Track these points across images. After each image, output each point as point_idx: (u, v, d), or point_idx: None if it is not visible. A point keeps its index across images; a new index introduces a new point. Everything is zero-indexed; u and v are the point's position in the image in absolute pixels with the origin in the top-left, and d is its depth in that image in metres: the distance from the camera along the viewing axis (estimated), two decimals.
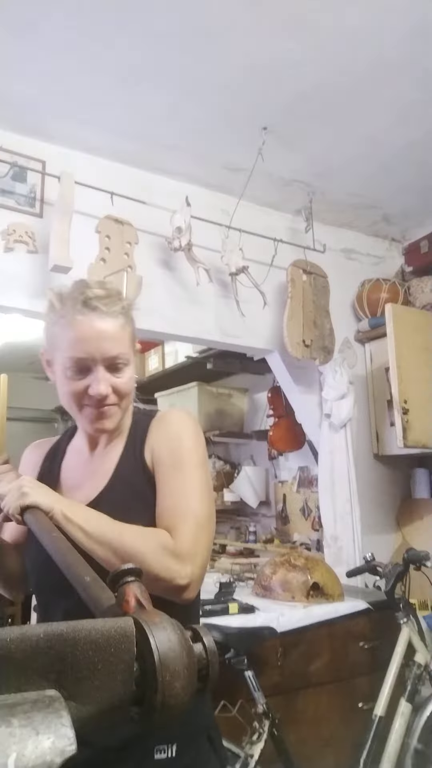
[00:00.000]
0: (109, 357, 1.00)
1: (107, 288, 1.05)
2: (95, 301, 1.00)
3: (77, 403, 1.02)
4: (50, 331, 1.04)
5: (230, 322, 2.77)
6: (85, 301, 0.99)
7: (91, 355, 0.99)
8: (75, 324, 0.99)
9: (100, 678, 0.42)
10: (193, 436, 1.05)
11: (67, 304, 1.00)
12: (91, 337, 0.98)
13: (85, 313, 0.99)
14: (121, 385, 1.02)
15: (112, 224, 2.50)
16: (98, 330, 0.99)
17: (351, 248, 3.30)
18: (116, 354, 1.00)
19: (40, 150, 2.41)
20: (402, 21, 1.87)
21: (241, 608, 2.10)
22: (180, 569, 0.87)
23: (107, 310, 1.00)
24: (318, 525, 3.13)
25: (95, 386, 0.99)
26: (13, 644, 0.40)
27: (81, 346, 0.98)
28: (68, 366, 1.00)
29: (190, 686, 0.46)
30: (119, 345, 1.01)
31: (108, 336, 1.00)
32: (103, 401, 1.00)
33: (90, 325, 0.98)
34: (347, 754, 2.09)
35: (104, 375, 1.00)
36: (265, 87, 2.16)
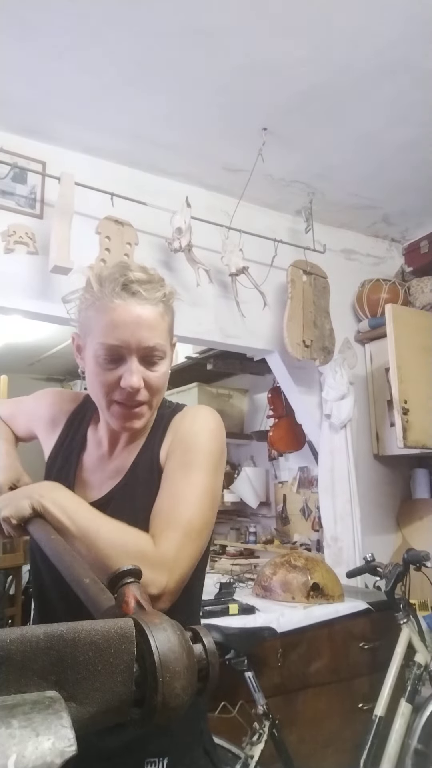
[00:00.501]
0: (146, 347, 0.92)
1: (150, 272, 0.97)
2: (136, 285, 0.91)
3: (106, 395, 0.94)
4: (84, 314, 0.96)
5: (230, 322, 2.77)
6: (126, 284, 0.91)
7: (126, 343, 0.90)
8: (112, 308, 0.91)
9: (100, 679, 0.42)
10: (212, 438, 0.97)
11: (106, 286, 0.92)
12: (128, 324, 0.90)
13: (124, 297, 0.91)
14: (154, 380, 0.94)
15: (112, 225, 2.50)
16: (136, 316, 0.91)
17: (351, 249, 3.30)
18: (153, 344, 0.92)
19: (40, 151, 2.42)
20: (402, 21, 1.87)
21: (241, 609, 2.10)
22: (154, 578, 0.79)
23: (148, 296, 0.92)
24: (318, 525, 3.13)
25: (128, 377, 0.91)
26: (13, 645, 0.40)
27: (116, 333, 0.90)
28: (100, 353, 0.92)
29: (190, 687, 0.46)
30: (157, 335, 0.93)
31: (146, 324, 0.92)
32: (135, 396, 0.93)
33: (128, 311, 0.91)
34: (347, 755, 2.09)
35: (138, 367, 0.92)
36: (265, 87, 2.16)
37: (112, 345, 0.91)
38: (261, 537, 3.60)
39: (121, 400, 0.94)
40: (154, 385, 0.95)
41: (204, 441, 0.96)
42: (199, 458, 0.93)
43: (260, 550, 3.44)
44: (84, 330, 0.96)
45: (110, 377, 0.92)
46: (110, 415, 0.96)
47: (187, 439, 0.96)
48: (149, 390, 0.94)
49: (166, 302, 0.97)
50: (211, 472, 0.93)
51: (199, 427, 0.98)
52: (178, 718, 0.46)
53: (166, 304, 0.97)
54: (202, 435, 0.96)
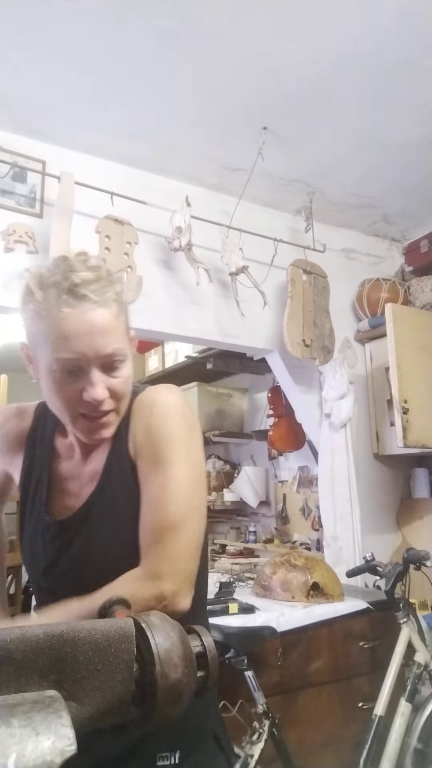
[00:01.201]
0: (105, 355, 0.85)
1: (96, 269, 0.88)
2: (83, 287, 0.84)
3: (69, 411, 0.88)
4: (30, 325, 0.88)
5: (230, 322, 2.77)
6: (72, 289, 0.83)
7: (82, 354, 0.84)
8: (61, 318, 0.83)
9: (100, 678, 0.42)
10: (175, 422, 0.91)
11: (50, 293, 0.84)
12: (81, 334, 0.83)
13: (72, 304, 0.83)
14: (118, 386, 0.88)
15: (112, 224, 2.50)
16: (89, 324, 0.83)
17: (351, 248, 3.30)
18: (112, 351, 0.86)
19: (40, 150, 2.41)
20: (402, 21, 1.87)
21: (241, 608, 2.10)
22: (160, 597, 0.78)
23: (98, 299, 0.85)
24: (318, 525, 3.13)
25: (90, 390, 0.85)
26: (13, 644, 0.40)
27: (70, 345, 0.83)
28: (56, 368, 0.85)
29: (189, 686, 0.46)
30: (115, 340, 0.87)
31: (101, 330, 0.84)
32: (100, 407, 0.87)
33: (79, 319, 0.83)
34: (347, 754, 2.09)
35: (99, 377, 0.86)
36: (265, 87, 2.16)
37: (67, 359, 0.84)
38: (261, 536, 3.60)
39: (87, 413, 0.88)
40: (119, 391, 0.89)
41: (169, 429, 0.90)
42: (168, 449, 0.88)
43: (260, 550, 3.44)
44: (33, 342, 0.89)
45: (71, 391, 0.86)
46: (77, 429, 0.91)
47: (151, 431, 0.90)
48: (114, 397, 0.89)
49: (119, 300, 0.89)
50: (184, 459, 0.88)
51: (159, 414, 0.91)
52: (178, 717, 0.46)
53: (118, 302, 0.89)
54: (166, 423, 0.90)
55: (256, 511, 3.79)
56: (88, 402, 0.86)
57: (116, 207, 2.47)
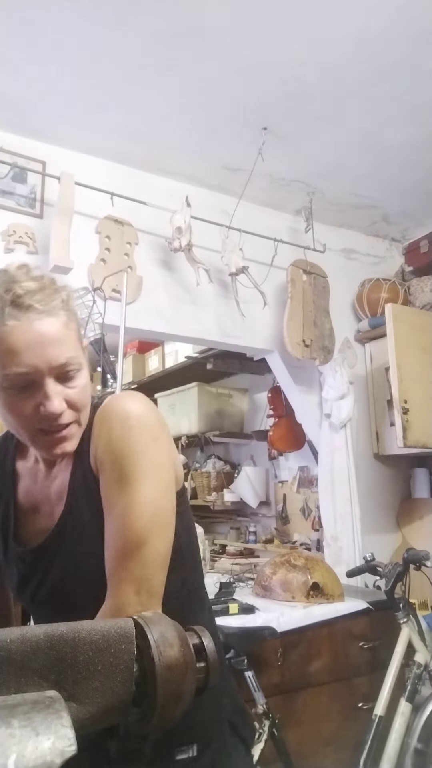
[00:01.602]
0: (58, 365, 0.82)
1: (38, 278, 0.85)
2: (27, 298, 0.80)
3: (27, 428, 0.84)
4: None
5: (230, 322, 2.77)
6: (15, 301, 0.80)
7: (34, 367, 0.80)
8: (7, 332, 0.79)
9: (100, 678, 0.42)
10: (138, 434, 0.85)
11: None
12: (30, 346, 0.80)
13: (17, 317, 0.80)
14: (75, 396, 0.85)
15: (112, 225, 2.50)
16: (38, 335, 0.80)
17: (351, 248, 3.30)
18: (65, 360, 0.83)
19: (40, 151, 2.41)
20: (402, 21, 1.87)
21: (241, 608, 2.10)
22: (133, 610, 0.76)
23: (45, 308, 0.81)
24: (318, 525, 3.13)
25: (47, 404, 0.81)
26: (13, 645, 0.40)
27: (20, 359, 0.79)
28: (6, 385, 0.81)
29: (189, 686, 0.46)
30: (67, 348, 0.83)
31: (52, 340, 0.81)
32: (58, 419, 0.83)
33: (26, 331, 0.80)
34: (347, 754, 2.09)
35: (55, 388, 0.82)
36: (265, 87, 2.16)
37: (18, 373, 0.80)
38: (261, 536, 3.59)
39: (45, 428, 0.84)
40: (77, 401, 0.85)
41: (129, 443, 0.85)
42: (130, 466, 0.83)
43: (260, 550, 3.44)
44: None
45: (26, 407, 0.82)
46: (37, 446, 0.88)
47: (112, 446, 0.85)
48: (73, 408, 0.85)
49: (66, 307, 0.86)
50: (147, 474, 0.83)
51: (119, 427, 0.86)
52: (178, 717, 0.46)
53: (66, 309, 0.86)
54: (126, 436, 0.85)
55: (256, 512, 3.79)
56: (46, 416, 0.82)
57: (116, 207, 2.47)
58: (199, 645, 0.50)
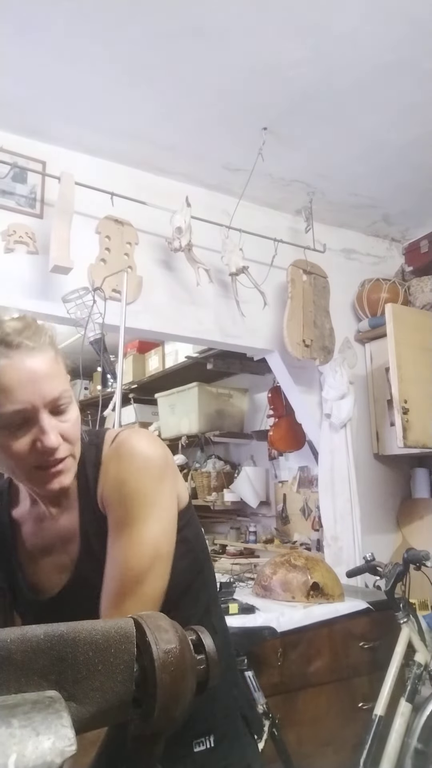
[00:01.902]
0: (52, 399, 0.83)
1: (21, 318, 0.86)
2: (15, 336, 0.82)
3: (22, 466, 0.85)
4: None
5: (230, 322, 2.77)
6: (4, 340, 0.81)
7: (30, 402, 0.81)
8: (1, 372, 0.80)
9: (101, 678, 0.42)
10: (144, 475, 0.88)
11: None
12: (24, 382, 0.80)
13: (8, 355, 0.80)
14: (69, 430, 0.86)
15: (112, 225, 2.50)
16: (31, 371, 0.81)
17: (351, 248, 3.30)
18: (58, 394, 0.84)
19: (40, 151, 2.41)
20: (402, 22, 1.87)
21: (242, 608, 2.10)
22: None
23: (34, 345, 0.83)
24: (318, 525, 3.13)
25: (45, 439, 0.82)
26: (13, 645, 0.40)
27: (14, 396, 0.80)
28: (2, 425, 0.81)
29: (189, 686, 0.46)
30: (59, 382, 0.85)
31: (44, 375, 0.82)
32: (54, 455, 0.84)
33: (19, 368, 0.80)
34: (347, 754, 2.09)
35: (50, 423, 0.83)
36: (265, 87, 2.16)
37: (13, 411, 0.81)
38: (261, 536, 3.59)
39: (42, 464, 0.85)
40: (71, 435, 0.87)
41: (133, 486, 0.87)
42: (135, 508, 0.86)
43: (260, 550, 3.44)
44: None
45: (22, 445, 0.82)
46: (33, 483, 0.88)
47: (116, 487, 0.88)
48: (68, 441, 0.86)
49: (53, 344, 0.88)
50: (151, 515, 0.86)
51: (125, 470, 0.88)
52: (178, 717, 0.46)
53: (53, 346, 0.87)
54: (131, 480, 0.87)
55: (256, 512, 3.79)
56: (43, 452, 0.83)
57: (116, 207, 2.47)
58: (199, 644, 0.50)
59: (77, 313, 2.25)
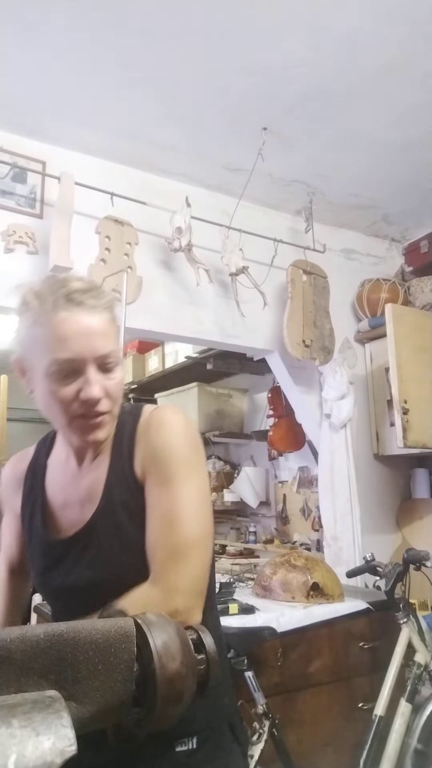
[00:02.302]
0: (101, 356, 0.89)
1: (88, 281, 0.95)
2: (79, 294, 0.89)
3: (66, 412, 0.90)
4: (27, 334, 0.92)
5: (230, 322, 2.77)
6: (69, 296, 0.89)
7: (80, 354, 0.88)
8: (59, 321, 0.88)
9: (101, 678, 0.42)
10: (182, 443, 0.94)
11: (47, 301, 0.89)
12: (79, 335, 0.88)
13: (70, 309, 0.88)
14: (113, 388, 0.92)
15: (112, 225, 2.50)
16: (86, 326, 0.88)
17: (351, 248, 3.30)
18: (108, 352, 0.90)
19: (40, 151, 2.41)
20: (402, 22, 1.87)
21: (241, 608, 2.10)
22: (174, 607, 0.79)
23: (94, 304, 0.90)
24: (318, 525, 3.13)
25: (87, 389, 0.88)
26: (13, 645, 0.40)
27: (68, 346, 0.87)
28: (53, 370, 0.88)
29: (189, 686, 0.46)
30: (110, 342, 0.91)
31: (98, 332, 0.89)
32: (96, 406, 0.90)
33: (76, 321, 0.88)
34: (347, 754, 2.09)
35: (96, 376, 0.89)
36: (265, 87, 2.16)
37: (66, 359, 0.87)
38: (261, 537, 3.59)
39: (83, 413, 0.90)
40: (113, 392, 0.92)
41: (175, 449, 0.93)
42: (175, 469, 0.91)
43: (260, 550, 3.44)
44: (29, 351, 0.92)
45: (68, 392, 0.89)
46: (72, 431, 0.93)
47: (157, 451, 0.93)
48: (109, 398, 0.92)
49: (111, 309, 0.94)
50: (191, 479, 0.91)
51: (166, 435, 0.94)
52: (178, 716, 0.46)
53: (110, 310, 0.94)
54: (172, 443, 0.93)
55: (256, 512, 3.79)
56: (85, 401, 0.89)
57: (116, 207, 2.47)
58: (199, 644, 0.50)
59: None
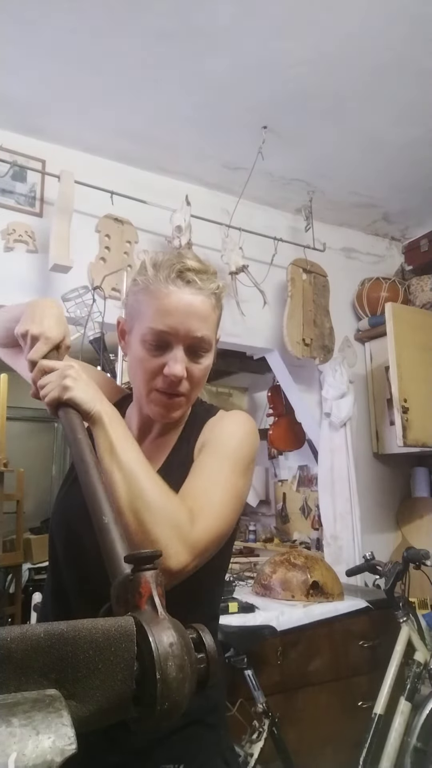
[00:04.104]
0: (194, 337, 0.90)
1: (206, 264, 0.95)
2: (191, 273, 0.90)
3: (147, 382, 0.92)
4: (134, 298, 0.94)
5: (230, 321, 2.77)
6: (181, 272, 0.90)
7: (175, 330, 0.89)
8: (165, 293, 0.89)
9: (101, 677, 0.42)
10: (245, 441, 0.95)
11: (161, 271, 0.90)
12: (179, 311, 0.89)
13: (178, 284, 0.90)
14: (197, 372, 0.93)
15: (112, 223, 2.50)
16: (188, 304, 0.89)
17: (351, 247, 3.30)
18: (201, 335, 0.91)
19: (39, 149, 2.41)
20: (402, 21, 1.87)
21: (241, 607, 2.10)
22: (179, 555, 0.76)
23: (202, 286, 0.91)
24: (318, 524, 3.13)
25: (172, 365, 0.89)
26: (13, 643, 0.40)
27: (166, 319, 0.88)
28: (147, 339, 0.90)
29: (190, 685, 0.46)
30: (206, 326, 0.92)
31: (197, 313, 0.90)
32: (176, 385, 0.91)
33: (181, 298, 0.89)
34: (347, 753, 2.09)
35: (183, 356, 0.90)
36: (265, 86, 2.16)
37: (161, 330, 0.89)
38: (261, 535, 3.60)
39: (162, 388, 0.92)
40: (196, 377, 0.93)
41: (237, 441, 0.94)
42: (231, 452, 0.91)
43: (260, 549, 3.45)
44: (132, 314, 0.94)
45: (154, 363, 0.90)
46: (148, 401, 0.94)
47: (221, 436, 0.95)
48: (190, 381, 0.92)
49: (218, 295, 0.95)
50: (240, 470, 0.91)
51: (234, 428, 0.96)
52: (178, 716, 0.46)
53: (218, 297, 0.95)
54: (237, 435, 0.95)
55: (256, 510, 3.80)
56: (167, 376, 0.90)
57: (116, 206, 2.47)
58: (199, 643, 0.50)
59: (77, 311, 2.25)
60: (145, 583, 0.54)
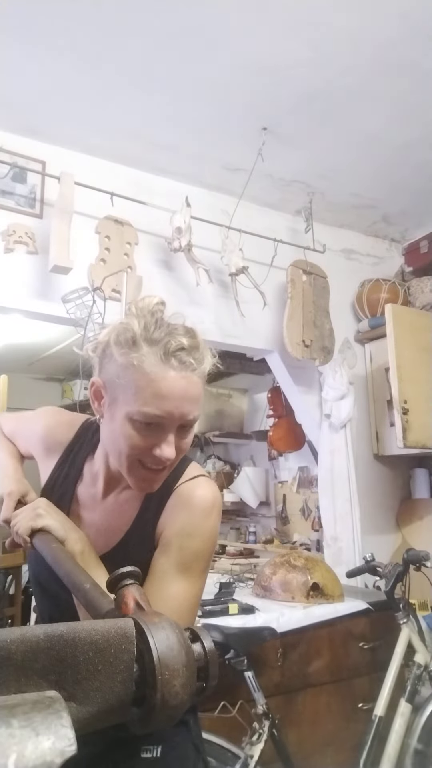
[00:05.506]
0: (187, 420, 0.90)
1: (195, 337, 0.93)
2: (187, 354, 0.88)
3: (131, 457, 0.91)
4: (124, 371, 0.89)
5: (230, 322, 2.77)
6: (177, 354, 0.88)
7: (170, 414, 0.87)
8: (161, 377, 0.86)
9: (100, 679, 0.42)
10: (209, 536, 0.97)
11: (155, 350, 0.88)
12: (174, 396, 0.87)
13: (176, 368, 0.87)
14: (183, 447, 0.93)
15: (112, 225, 2.50)
16: (184, 389, 0.88)
17: (351, 248, 3.30)
18: (193, 417, 0.90)
19: (40, 150, 2.41)
20: (402, 21, 1.87)
21: (241, 609, 2.10)
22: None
23: (197, 368, 0.90)
24: (318, 525, 3.13)
25: (165, 449, 0.88)
26: (13, 645, 0.40)
27: (161, 403, 0.86)
28: (138, 419, 0.87)
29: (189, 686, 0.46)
30: (198, 406, 0.91)
31: (192, 398, 0.89)
32: (164, 463, 0.90)
33: (175, 383, 0.87)
34: (347, 755, 2.09)
35: (173, 438, 0.90)
36: (265, 87, 2.16)
37: (154, 414, 0.87)
38: (261, 537, 3.60)
39: (150, 466, 0.91)
40: (183, 449, 0.93)
41: (200, 542, 0.95)
42: (192, 560, 0.94)
43: (260, 550, 3.44)
44: (116, 384, 0.90)
45: (143, 442, 0.89)
46: (131, 474, 0.93)
47: (187, 532, 0.95)
48: (177, 454, 0.92)
49: (205, 369, 0.93)
50: (198, 573, 0.95)
51: (198, 522, 0.96)
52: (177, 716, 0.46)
53: (205, 373, 0.94)
54: (200, 535, 0.95)
55: (256, 512, 3.80)
56: (157, 457, 0.89)
57: (116, 207, 2.47)
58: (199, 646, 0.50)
59: (77, 313, 2.25)
60: (127, 593, 0.56)
